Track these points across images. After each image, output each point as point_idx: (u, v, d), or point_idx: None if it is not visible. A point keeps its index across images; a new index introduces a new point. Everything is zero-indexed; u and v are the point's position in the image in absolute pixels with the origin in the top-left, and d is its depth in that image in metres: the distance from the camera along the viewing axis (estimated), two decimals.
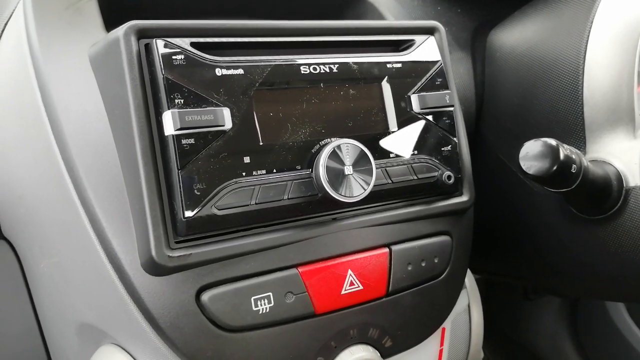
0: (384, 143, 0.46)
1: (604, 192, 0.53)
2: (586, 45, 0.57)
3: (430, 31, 0.51)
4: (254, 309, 0.42)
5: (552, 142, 0.46)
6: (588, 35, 0.57)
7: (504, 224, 0.68)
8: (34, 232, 0.48)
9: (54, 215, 0.45)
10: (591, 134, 0.56)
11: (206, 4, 0.58)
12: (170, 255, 0.38)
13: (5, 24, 0.50)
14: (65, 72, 0.44)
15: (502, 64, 0.67)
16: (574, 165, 0.47)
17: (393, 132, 0.47)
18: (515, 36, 0.67)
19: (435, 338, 0.54)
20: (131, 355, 0.43)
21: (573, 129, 0.57)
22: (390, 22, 0.58)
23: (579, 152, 0.49)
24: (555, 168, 0.46)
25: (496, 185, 0.66)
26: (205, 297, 0.40)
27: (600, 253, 0.56)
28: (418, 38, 0.50)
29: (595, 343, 1.03)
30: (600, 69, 0.56)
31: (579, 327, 1.06)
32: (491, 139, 0.67)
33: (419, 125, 0.48)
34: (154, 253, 0.37)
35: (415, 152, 0.48)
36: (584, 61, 0.56)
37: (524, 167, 0.47)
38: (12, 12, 0.51)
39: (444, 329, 0.55)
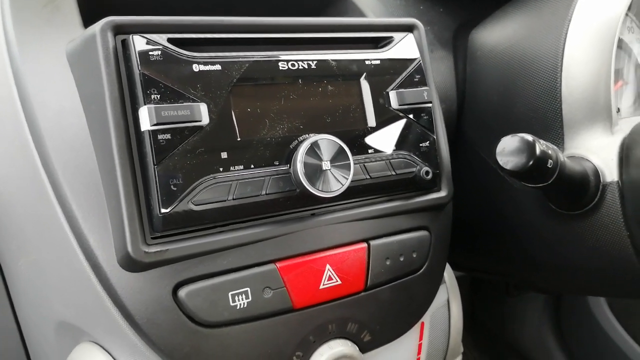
0: (362, 139, 0.47)
1: (582, 187, 0.54)
2: (564, 44, 0.57)
3: (409, 28, 0.51)
4: (232, 304, 0.42)
5: (529, 137, 0.47)
6: (566, 34, 0.58)
7: (485, 220, 0.69)
8: (11, 230, 0.47)
9: (30, 212, 0.44)
10: (569, 131, 0.57)
11: (185, 2, 0.58)
12: (147, 251, 0.38)
13: None
14: (42, 69, 0.44)
15: (483, 63, 0.67)
16: (550, 161, 0.48)
17: (371, 127, 0.47)
18: (496, 35, 0.67)
19: (414, 332, 0.54)
20: (109, 353, 0.43)
21: (552, 126, 0.57)
22: (369, 19, 0.58)
23: (555, 147, 0.50)
24: (531, 163, 0.46)
25: (477, 182, 0.67)
26: (183, 293, 0.40)
27: (578, 248, 0.57)
28: (397, 35, 0.50)
29: (578, 339, 1.04)
30: (578, 67, 0.57)
31: (562, 324, 1.08)
32: (472, 136, 0.68)
33: (397, 121, 0.48)
34: (130, 249, 0.37)
35: (394, 148, 0.48)
36: (562, 59, 0.57)
37: (501, 163, 0.47)
38: None
39: (423, 324, 0.55)
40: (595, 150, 0.55)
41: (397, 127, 0.48)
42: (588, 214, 0.55)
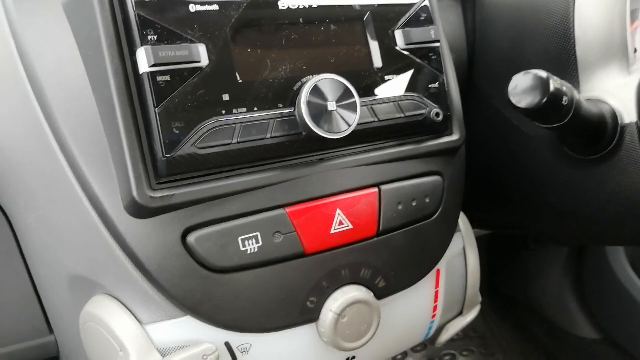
0: (369, 80, 0.45)
1: (599, 130, 0.52)
2: None
3: None
4: (242, 249, 0.41)
5: (543, 73, 0.45)
6: None
7: (499, 171, 0.67)
8: (18, 187, 0.47)
9: (35, 166, 0.44)
10: (584, 73, 0.55)
11: None
12: (153, 195, 0.37)
13: None
14: (38, 21, 0.43)
15: (493, 9, 0.65)
16: (565, 98, 0.46)
17: (378, 69, 0.46)
18: None
19: (430, 280, 0.53)
20: (122, 302, 0.43)
21: (566, 69, 0.56)
22: None
23: (570, 85, 0.48)
24: (545, 100, 0.45)
25: (491, 133, 0.65)
26: (192, 238, 0.40)
27: (597, 194, 0.56)
28: None
29: (600, 300, 1.03)
30: (591, 6, 0.54)
31: (584, 285, 1.06)
32: (484, 86, 0.66)
33: (404, 62, 0.47)
34: (135, 194, 0.37)
35: (403, 89, 0.47)
36: (575, 0, 0.55)
37: (513, 101, 0.46)
38: None
39: (438, 271, 0.54)
40: (612, 92, 0.53)
41: (404, 68, 0.47)
42: (606, 158, 0.53)
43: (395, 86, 0.46)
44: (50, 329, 0.57)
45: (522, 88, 0.46)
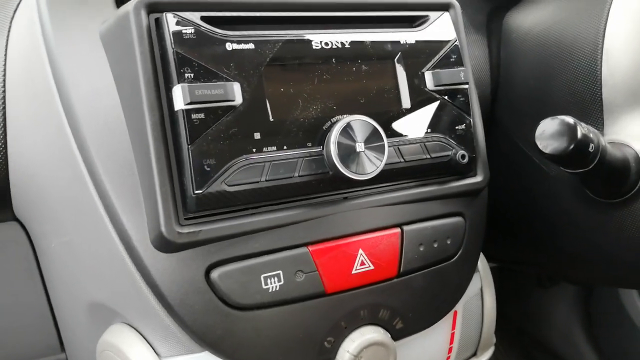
0: (397, 121, 0.45)
1: (622, 174, 0.52)
2: (605, 25, 0.55)
3: (445, 7, 0.50)
4: (264, 287, 0.41)
5: (570, 120, 0.45)
6: (607, 15, 0.56)
7: (518, 208, 0.67)
8: (45, 212, 0.48)
9: (65, 194, 0.45)
10: (609, 116, 0.55)
11: None
12: (180, 231, 0.38)
13: (18, 4, 0.50)
14: (76, 50, 0.44)
15: (519, 46, 0.66)
16: (591, 145, 0.46)
17: (406, 109, 0.46)
18: (532, 18, 0.66)
19: (447, 321, 0.53)
20: (141, 334, 0.43)
21: (591, 111, 0.56)
22: None
23: (596, 131, 0.48)
24: (572, 147, 0.45)
25: (511, 169, 0.65)
26: (215, 274, 0.40)
27: (616, 238, 0.56)
28: (432, 14, 0.49)
29: (608, 335, 1.02)
30: (619, 50, 0.55)
31: (592, 319, 1.05)
32: (506, 122, 0.66)
33: (432, 103, 0.47)
34: (163, 229, 0.37)
35: (429, 130, 0.47)
36: (603, 41, 0.55)
37: (540, 146, 0.46)
38: None
39: (455, 312, 0.54)
40: (637, 136, 0.53)
41: (432, 109, 0.47)
42: (628, 202, 0.53)
43: (422, 126, 0.46)
44: (62, 347, 0.57)
45: (549, 133, 0.46)
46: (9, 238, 0.54)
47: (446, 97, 0.48)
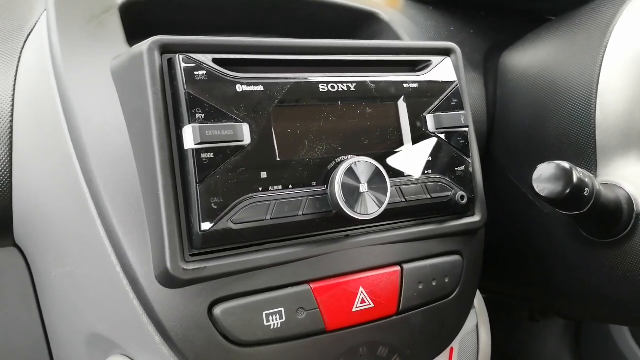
0: (399, 162, 0.47)
1: (615, 215, 0.53)
2: (600, 69, 0.57)
3: (447, 52, 0.52)
4: (266, 324, 0.42)
5: (566, 165, 0.47)
6: (602, 60, 0.58)
7: (512, 244, 0.68)
8: (47, 242, 0.48)
9: (69, 225, 0.45)
10: (603, 158, 0.56)
11: (223, 20, 0.59)
12: (185, 268, 0.38)
13: (28, 35, 0.51)
14: (86, 84, 0.45)
15: (515, 86, 0.67)
16: (586, 189, 0.48)
17: (408, 150, 0.47)
18: (528, 58, 0.67)
19: (443, 357, 0.53)
20: None
21: (585, 152, 0.57)
22: (408, 42, 0.58)
23: (591, 175, 0.50)
24: (568, 191, 0.46)
25: (505, 206, 0.66)
26: (218, 310, 0.41)
27: (608, 276, 0.57)
28: (435, 59, 0.51)
29: None
30: (613, 93, 0.56)
31: (582, 351, 1.06)
32: (502, 159, 0.68)
33: (433, 145, 0.48)
34: (169, 265, 0.38)
35: (429, 171, 0.48)
36: (597, 85, 0.57)
37: (537, 190, 0.47)
38: (36, 23, 0.52)
39: (452, 349, 0.54)
40: (629, 178, 0.55)
41: (433, 150, 0.48)
42: (620, 243, 0.54)
43: (423, 167, 0.48)
44: None
45: (545, 177, 0.47)
46: (7, 264, 0.54)
47: (446, 140, 0.49)
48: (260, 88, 0.41)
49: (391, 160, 0.46)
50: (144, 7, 0.53)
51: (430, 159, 0.48)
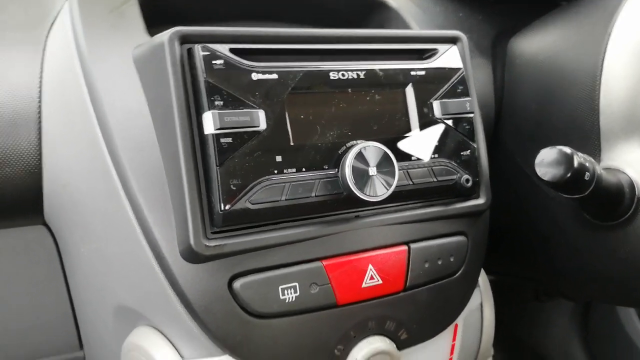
0: (407, 146, 0.49)
1: (617, 199, 0.55)
2: (604, 57, 0.58)
3: (453, 40, 0.53)
4: (281, 297, 0.45)
5: (567, 150, 0.48)
6: (606, 47, 0.59)
7: (518, 226, 0.70)
8: (76, 219, 0.51)
9: (98, 204, 0.48)
10: (606, 142, 0.58)
11: (238, 9, 0.61)
12: (207, 244, 0.41)
13: (52, 23, 0.54)
14: (110, 72, 0.47)
15: (522, 71, 0.69)
16: (587, 173, 0.50)
17: (415, 136, 0.49)
18: (535, 44, 0.69)
19: (448, 333, 0.56)
20: (166, 337, 0.46)
21: (589, 137, 0.59)
22: (415, 31, 0.60)
23: (592, 160, 0.51)
24: (569, 175, 0.48)
25: (512, 189, 0.68)
26: (237, 284, 0.43)
27: (611, 258, 0.58)
28: (441, 47, 0.52)
29: (605, 350, 1.04)
30: (617, 80, 0.58)
31: (590, 333, 1.08)
32: (509, 143, 0.69)
33: (440, 130, 0.51)
34: (192, 242, 0.40)
35: (436, 155, 0.50)
36: (602, 71, 0.58)
37: (539, 173, 0.49)
38: (59, 12, 0.54)
39: (456, 325, 0.57)
40: (632, 163, 0.56)
41: (439, 136, 0.51)
42: (622, 225, 0.56)
43: (429, 152, 0.50)
44: (81, 345, 0.61)
45: (547, 161, 0.49)
46: (36, 241, 0.57)
47: (452, 125, 0.51)
48: (275, 76, 0.44)
49: (399, 145, 0.48)
50: None
51: (436, 143, 0.50)
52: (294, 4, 0.62)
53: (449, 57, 0.52)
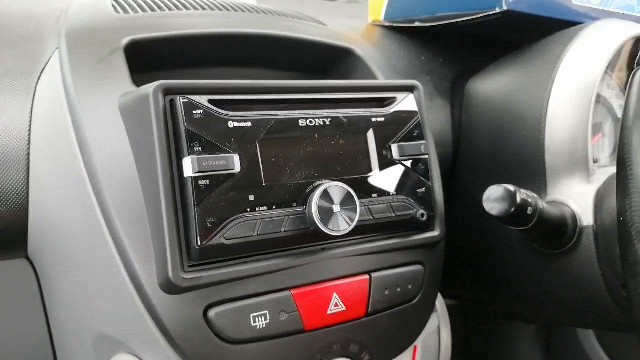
0: (368, 185, 0.54)
1: (561, 229, 0.60)
2: (548, 100, 0.65)
3: (410, 89, 0.59)
4: (253, 324, 0.49)
5: (511, 188, 0.54)
6: (550, 91, 0.65)
7: (478, 254, 0.74)
8: (60, 254, 0.54)
9: (82, 240, 0.51)
10: (552, 178, 0.63)
11: (216, 56, 0.66)
12: (184, 277, 0.45)
13: (42, 70, 0.57)
14: (98, 119, 0.51)
15: (477, 112, 0.74)
16: (529, 208, 0.55)
17: (376, 175, 0.55)
18: (489, 87, 0.75)
19: (408, 354, 0.60)
20: None
21: (536, 173, 0.64)
22: (376, 81, 0.66)
23: (535, 196, 0.57)
24: (513, 210, 0.53)
25: (470, 219, 0.72)
26: (212, 313, 0.47)
27: (558, 283, 0.63)
28: (399, 95, 0.58)
29: None
30: (559, 122, 0.64)
31: (552, 352, 1.13)
32: (466, 178, 0.75)
33: (398, 171, 0.56)
34: (170, 275, 0.44)
35: (395, 193, 0.55)
36: (546, 114, 0.64)
37: (486, 209, 0.55)
38: (49, 60, 0.58)
39: (415, 347, 0.61)
40: (574, 197, 0.62)
41: (397, 175, 0.56)
42: (567, 254, 0.61)
43: (388, 190, 0.55)
44: None
45: (494, 198, 0.55)
46: (17, 274, 0.59)
47: (409, 166, 0.57)
48: (249, 124, 0.49)
49: (361, 184, 0.53)
50: (145, 47, 0.59)
51: (395, 182, 0.56)
52: (269, 51, 0.68)
53: (406, 104, 0.58)
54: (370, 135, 0.55)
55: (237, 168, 0.47)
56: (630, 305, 0.48)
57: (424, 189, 0.57)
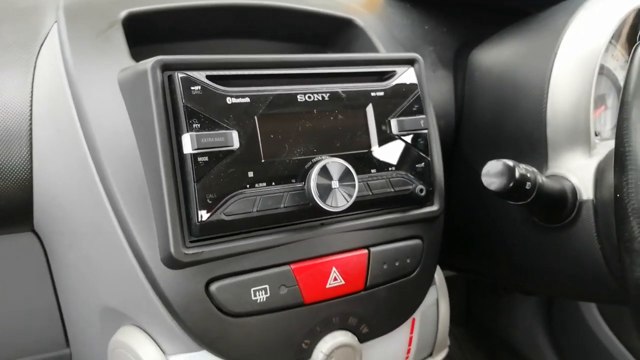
0: (367, 160, 0.54)
1: (560, 203, 0.60)
2: (550, 73, 0.63)
3: (410, 62, 0.58)
4: (253, 298, 0.50)
5: (510, 162, 0.54)
6: (552, 64, 0.64)
7: (478, 227, 0.75)
8: (64, 228, 0.55)
9: (85, 215, 0.52)
10: (553, 152, 0.63)
11: (216, 28, 0.65)
12: (186, 252, 0.46)
13: (42, 44, 0.57)
14: (97, 94, 0.51)
15: (480, 83, 0.73)
16: (528, 183, 0.55)
17: (375, 150, 0.55)
18: (492, 58, 0.73)
19: (406, 327, 0.62)
20: (149, 335, 0.51)
21: (537, 146, 0.63)
22: (375, 54, 0.65)
23: (535, 170, 0.56)
24: (511, 185, 0.53)
25: (471, 192, 0.72)
26: (213, 287, 0.48)
27: (557, 256, 0.64)
28: (399, 69, 0.57)
29: (568, 338, 1.09)
30: (561, 95, 0.63)
31: (553, 323, 1.14)
32: (467, 151, 0.74)
33: (397, 146, 0.56)
34: (172, 250, 0.45)
35: (394, 168, 0.55)
36: (549, 86, 0.63)
37: (485, 184, 0.54)
38: (47, 33, 0.58)
39: (414, 319, 0.63)
40: (574, 171, 0.61)
41: (396, 150, 0.56)
42: (566, 227, 0.61)
43: (387, 165, 0.55)
44: (67, 343, 0.65)
45: (492, 173, 0.54)
46: (25, 247, 0.60)
47: (408, 141, 0.57)
48: (247, 100, 0.48)
49: (360, 160, 0.53)
50: (143, 19, 0.59)
51: (394, 157, 0.56)
52: (269, 23, 0.67)
53: (405, 78, 0.57)
54: (370, 110, 0.55)
55: (236, 144, 0.47)
56: (625, 280, 0.48)
57: (423, 164, 0.57)
